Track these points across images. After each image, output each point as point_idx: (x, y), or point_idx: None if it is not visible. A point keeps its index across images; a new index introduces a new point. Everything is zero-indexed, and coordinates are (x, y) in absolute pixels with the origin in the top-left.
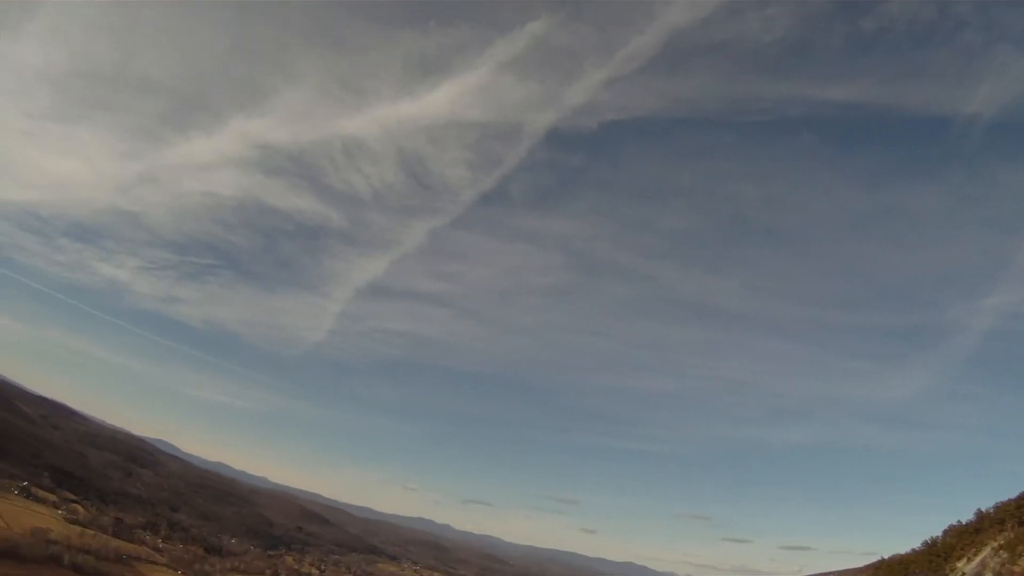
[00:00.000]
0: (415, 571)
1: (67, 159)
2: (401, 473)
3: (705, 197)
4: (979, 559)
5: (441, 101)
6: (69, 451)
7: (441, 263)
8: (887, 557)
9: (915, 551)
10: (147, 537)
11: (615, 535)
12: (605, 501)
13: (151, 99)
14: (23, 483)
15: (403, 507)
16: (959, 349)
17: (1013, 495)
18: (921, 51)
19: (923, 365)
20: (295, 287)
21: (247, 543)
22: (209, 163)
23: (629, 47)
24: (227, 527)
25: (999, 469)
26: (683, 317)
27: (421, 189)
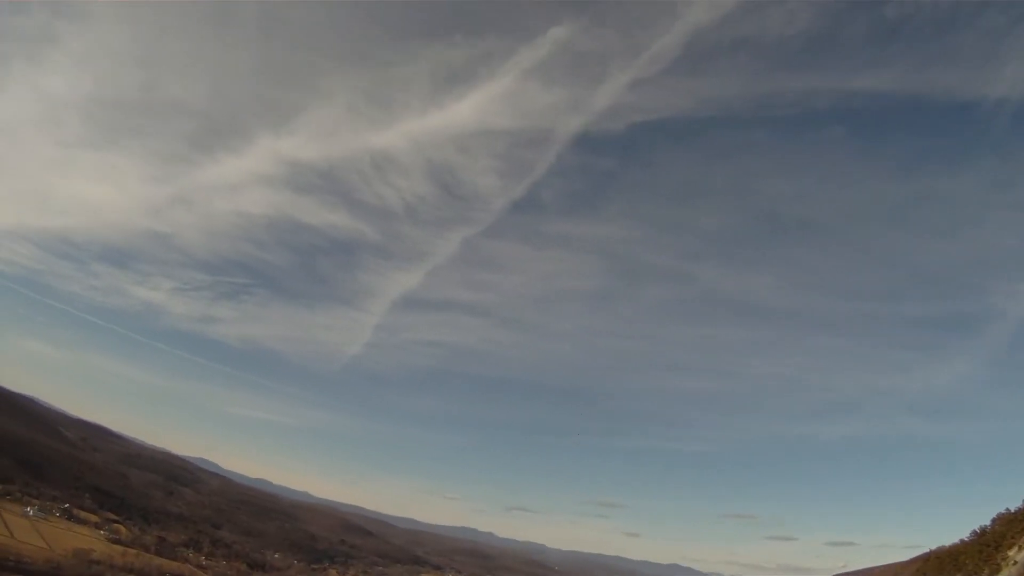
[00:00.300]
0: None
1: (98, 185)
2: (443, 483)
3: (738, 195)
4: None
5: (468, 111)
6: (110, 472)
7: (475, 272)
8: (935, 549)
9: (964, 542)
10: (190, 555)
11: (659, 537)
12: (648, 504)
13: (179, 122)
14: (65, 505)
15: (446, 517)
16: (1000, 335)
17: None
18: (945, 36)
19: (964, 353)
20: (331, 302)
21: (290, 558)
22: (240, 183)
23: (652, 48)
24: (270, 542)
25: None
26: (722, 316)
27: (452, 199)
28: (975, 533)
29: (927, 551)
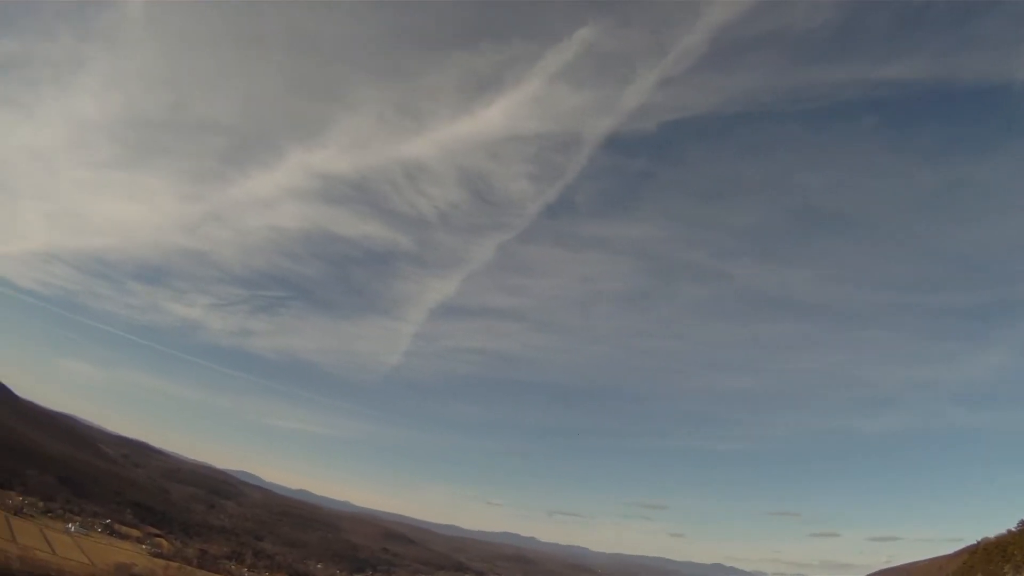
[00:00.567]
0: None
1: (131, 205)
2: (485, 489)
3: (770, 190)
4: None
5: (498, 117)
6: (151, 487)
7: (512, 278)
8: (981, 540)
9: (1011, 532)
10: (232, 567)
11: (702, 538)
12: (691, 504)
13: (210, 139)
14: (106, 521)
15: (488, 523)
16: None
17: None
18: (970, 21)
19: (1003, 342)
20: (368, 312)
21: (333, 568)
22: (272, 197)
23: (678, 46)
24: (312, 553)
25: None
26: (759, 313)
27: (485, 206)
28: (1023, 523)
29: (972, 543)
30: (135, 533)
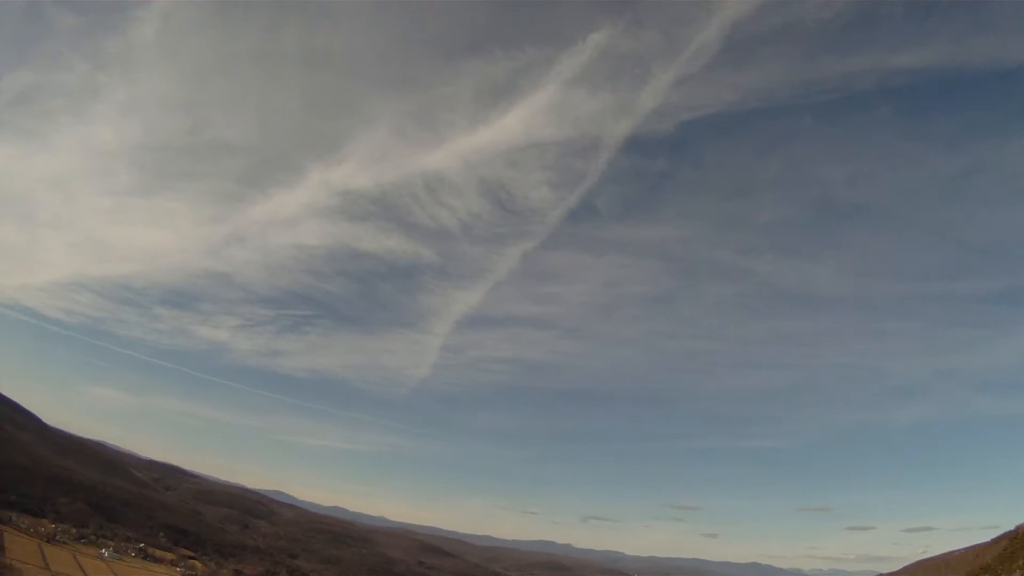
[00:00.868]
0: None
1: (153, 230)
2: (518, 498)
3: (790, 185)
4: None
5: (515, 124)
6: (184, 510)
7: (537, 285)
8: (1019, 526)
9: None
10: None
11: (737, 537)
12: (724, 503)
13: (229, 161)
14: (139, 545)
15: (523, 531)
16: None
17: None
18: (983, 3)
19: None
20: (395, 327)
21: None
22: (294, 216)
23: (692, 45)
24: (348, 569)
25: None
26: (784, 309)
27: (507, 215)
28: None
29: (1010, 529)
30: (169, 556)
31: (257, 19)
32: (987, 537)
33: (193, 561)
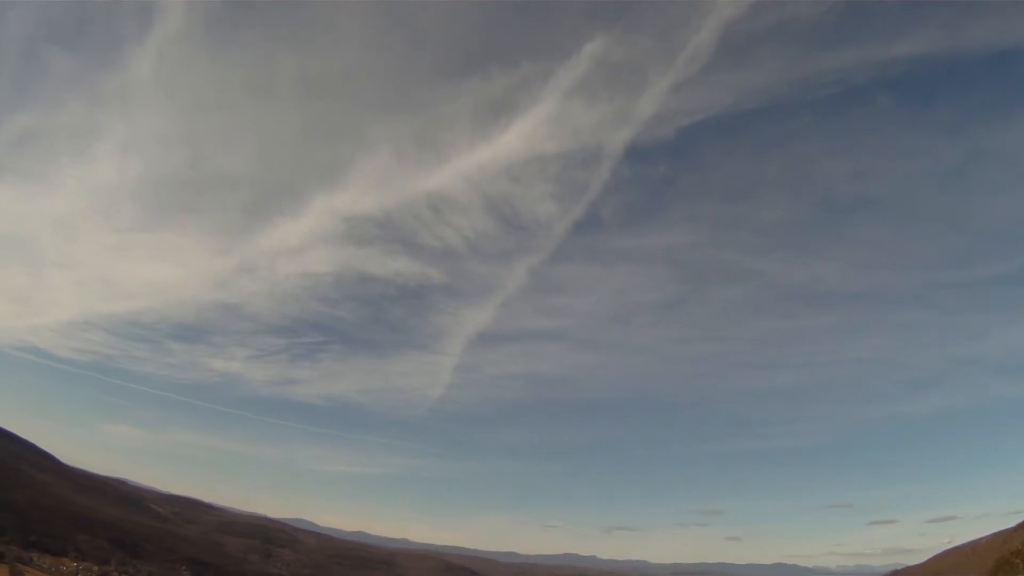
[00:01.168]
0: None
1: (161, 265)
2: (541, 512)
3: (793, 183)
4: None
5: (516, 140)
6: (205, 542)
7: (547, 299)
8: None
9: None
10: None
11: (761, 538)
12: (746, 506)
13: (232, 193)
14: None
15: (547, 546)
16: None
17: None
18: None
19: None
20: (408, 348)
21: None
22: (300, 244)
23: (688, 48)
24: None
25: None
26: (794, 308)
27: (513, 230)
28: None
29: None
30: None
31: (252, 50)
32: (1012, 523)
33: None
